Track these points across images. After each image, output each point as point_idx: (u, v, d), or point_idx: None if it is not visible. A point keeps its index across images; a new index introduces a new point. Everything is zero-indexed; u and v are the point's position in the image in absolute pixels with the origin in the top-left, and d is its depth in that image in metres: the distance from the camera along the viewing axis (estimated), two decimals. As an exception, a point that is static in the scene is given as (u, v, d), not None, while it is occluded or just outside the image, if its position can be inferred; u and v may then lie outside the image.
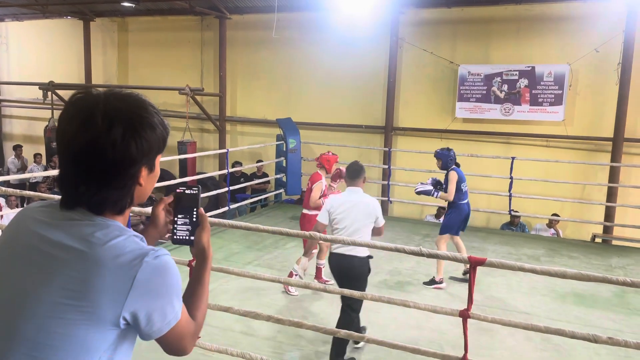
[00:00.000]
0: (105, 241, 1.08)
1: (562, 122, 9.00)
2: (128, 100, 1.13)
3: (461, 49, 9.69)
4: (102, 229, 1.10)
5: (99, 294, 1.05)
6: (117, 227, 1.13)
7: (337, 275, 4.14)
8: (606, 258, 7.12)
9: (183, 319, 1.18)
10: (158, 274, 1.10)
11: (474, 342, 4.29)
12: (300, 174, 9.75)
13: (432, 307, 3.33)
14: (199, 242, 1.33)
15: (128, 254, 1.08)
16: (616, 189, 8.66)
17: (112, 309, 1.06)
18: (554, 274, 2.87)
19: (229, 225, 3.72)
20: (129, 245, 1.09)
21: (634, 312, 5.25)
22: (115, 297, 1.06)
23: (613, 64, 8.62)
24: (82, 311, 1.05)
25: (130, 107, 1.12)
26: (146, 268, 1.08)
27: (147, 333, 1.13)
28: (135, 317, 1.09)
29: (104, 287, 1.05)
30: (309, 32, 10.56)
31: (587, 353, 4.28)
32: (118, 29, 12.76)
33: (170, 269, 1.12)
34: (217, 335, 4.32)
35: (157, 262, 1.09)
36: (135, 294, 1.07)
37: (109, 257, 1.06)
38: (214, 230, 7.43)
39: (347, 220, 4.07)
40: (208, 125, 11.54)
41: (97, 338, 1.07)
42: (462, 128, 9.74)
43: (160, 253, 1.11)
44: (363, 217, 4.06)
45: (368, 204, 4.11)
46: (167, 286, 1.12)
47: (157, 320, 1.12)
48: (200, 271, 1.34)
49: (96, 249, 1.07)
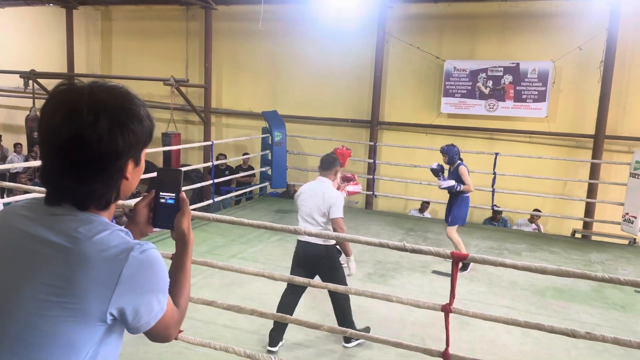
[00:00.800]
0: (89, 236, 1.07)
1: (545, 118, 9.11)
2: (114, 92, 1.11)
3: (447, 45, 9.73)
4: (85, 224, 1.09)
5: (85, 290, 1.04)
6: (102, 222, 1.11)
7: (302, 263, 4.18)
8: (585, 253, 7.25)
9: (168, 309, 1.18)
10: (145, 268, 1.09)
11: (456, 335, 4.35)
12: (285, 167, 9.74)
13: (414, 302, 3.36)
14: (179, 226, 1.32)
15: (113, 248, 1.06)
16: (596, 185, 8.81)
17: (99, 305, 1.05)
18: (534, 269, 2.91)
19: (213, 218, 3.71)
20: (114, 239, 1.08)
21: (612, 306, 5.36)
22: (101, 293, 1.04)
23: (596, 61, 8.74)
24: (68, 308, 1.04)
25: (117, 99, 1.10)
26: (132, 262, 1.06)
27: (135, 327, 1.12)
28: (122, 312, 1.08)
29: (89, 283, 1.04)
30: (295, 25, 10.51)
31: (566, 346, 4.36)
32: (102, 17, 12.56)
33: (156, 263, 1.11)
34: (200, 328, 4.32)
35: (143, 257, 1.08)
36: (121, 289, 1.05)
37: (93, 252, 1.05)
38: (198, 223, 7.40)
39: (304, 208, 4.16)
40: (193, 116, 11.45)
41: (84, 334, 1.06)
42: (447, 123, 9.80)
43: (147, 247, 1.10)
44: (315, 206, 4.13)
45: (325, 193, 4.13)
46: (154, 280, 1.11)
47: (144, 315, 1.11)
48: (181, 257, 1.33)
49: (80, 245, 1.05)
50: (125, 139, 1.09)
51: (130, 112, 1.10)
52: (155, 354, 3.87)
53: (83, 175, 1.08)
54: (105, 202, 1.14)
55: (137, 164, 1.17)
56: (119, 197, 1.16)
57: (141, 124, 1.12)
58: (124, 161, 1.12)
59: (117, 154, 1.09)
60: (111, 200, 1.15)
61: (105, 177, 1.10)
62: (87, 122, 1.05)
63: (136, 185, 1.22)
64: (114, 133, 1.07)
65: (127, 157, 1.12)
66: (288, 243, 6.92)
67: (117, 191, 1.15)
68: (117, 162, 1.10)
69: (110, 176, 1.11)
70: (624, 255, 7.25)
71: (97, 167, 1.08)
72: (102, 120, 1.06)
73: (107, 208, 1.15)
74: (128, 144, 1.10)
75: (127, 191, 1.18)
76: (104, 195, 1.12)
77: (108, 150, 1.07)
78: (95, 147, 1.06)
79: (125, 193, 1.18)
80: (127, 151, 1.11)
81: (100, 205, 1.13)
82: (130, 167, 1.15)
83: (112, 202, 1.16)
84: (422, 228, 8.24)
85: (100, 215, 1.13)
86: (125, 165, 1.13)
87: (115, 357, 1.16)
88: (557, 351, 4.29)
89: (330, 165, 4.33)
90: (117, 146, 1.08)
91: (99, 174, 1.09)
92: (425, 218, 9.19)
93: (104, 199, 1.13)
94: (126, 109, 1.10)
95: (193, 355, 3.91)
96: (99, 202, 1.13)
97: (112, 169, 1.10)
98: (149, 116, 1.15)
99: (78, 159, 1.07)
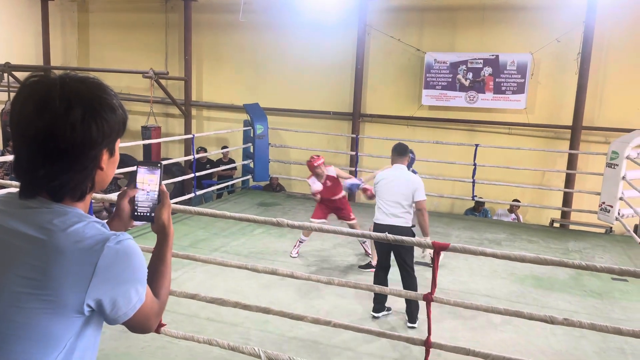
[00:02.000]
0: (63, 228, 1.06)
1: (524, 110, 9.23)
2: (86, 82, 1.10)
3: (428, 37, 9.78)
4: (60, 215, 1.08)
5: (60, 282, 1.03)
6: (76, 214, 1.10)
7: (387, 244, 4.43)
8: (564, 242, 7.39)
9: (148, 300, 1.18)
10: (120, 258, 1.08)
11: (438, 324, 4.41)
12: (267, 160, 9.71)
13: (397, 291, 3.40)
14: (159, 218, 1.32)
15: (88, 239, 1.06)
16: (574, 175, 8.97)
17: (75, 297, 1.04)
18: (514, 258, 2.97)
19: (195, 212, 3.69)
20: (89, 231, 1.07)
21: (589, 293, 5.48)
22: (77, 285, 1.04)
23: (573, 53, 8.87)
24: (44, 300, 1.03)
25: (89, 89, 1.09)
26: (108, 253, 1.06)
27: (113, 318, 1.12)
28: (100, 303, 1.08)
29: (65, 275, 1.03)
30: (276, 17, 10.44)
31: (544, 333, 4.45)
32: (78, 9, 12.32)
33: (133, 253, 1.11)
34: (183, 322, 4.30)
35: (119, 247, 1.08)
36: (97, 280, 1.05)
37: (68, 243, 1.04)
38: (180, 216, 7.35)
39: (387, 194, 4.58)
40: (173, 109, 11.33)
41: (61, 326, 1.05)
42: (428, 115, 9.87)
43: (122, 237, 1.10)
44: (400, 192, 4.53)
45: (407, 179, 4.57)
46: (130, 271, 1.11)
47: (122, 305, 1.11)
48: (161, 248, 1.33)
49: (55, 236, 1.05)
50: (99, 128, 1.08)
51: (103, 102, 1.10)
52: (137, 349, 3.85)
53: (57, 166, 1.07)
54: (80, 193, 1.13)
55: (111, 155, 1.17)
56: (94, 188, 1.16)
57: (114, 114, 1.11)
58: (98, 151, 1.11)
59: (91, 143, 1.08)
60: (86, 191, 1.14)
61: (79, 167, 1.09)
62: (60, 112, 1.04)
63: (112, 176, 1.21)
64: (87, 122, 1.07)
65: (102, 146, 1.11)
66: (271, 236, 6.92)
67: (92, 182, 1.14)
68: (91, 151, 1.10)
69: (84, 166, 1.10)
70: (601, 243, 7.41)
71: (71, 157, 1.08)
72: (74, 110, 1.05)
73: (83, 199, 1.15)
74: (102, 133, 1.09)
75: (103, 182, 1.18)
76: (79, 185, 1.12)
77: (82, 140, 1.07)
78: (68, 137, 1.05)
79: (100, 184, 1.17)
80: (100, 140, 1.10)
81: (75, 197, 1.12)
82: (105, 158, 1.14)
83: (87, 193, 1.15)
84: (404, 219, 8.30)
85: (75, 206, 1.13)
86: (100, 155, 1.12)
87: (93, 349, 1.16)
88: (536, 338, 4.38)
89: (405, 152, 4.76)
90: (90, 135, 1.07)
91: (73, 164, 1.08)
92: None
93: (79, 189, 1.12)
94: (99, 98, 1.10)
95: (176, 348, 3.90)
96: (73, 193, 1.12)
97: (86, 159, 1.10)
98: (121, 106, 1.15)
99: (52, 149, 1.06)
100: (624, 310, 5.10)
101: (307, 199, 9.39)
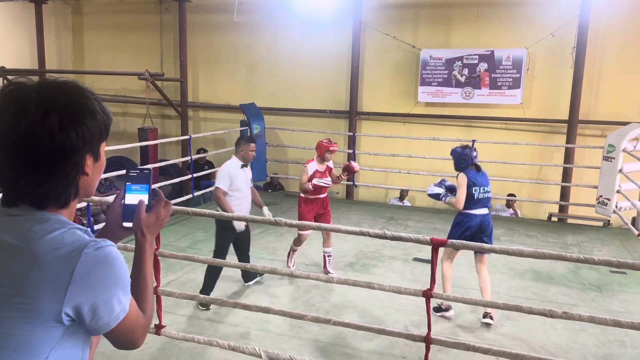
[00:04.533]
0: (42, 235, 1.04)
1: (520, 105, 9.24)
2: (63, 88, 1.08)
3: (423, 34, 9.78)
4: (40, 222, 1.07)
5: (37, 290, 1.02)
6: (58, 221, 1.09)
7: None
8: (562, 236, 7.40)
9: (132, 311, 1.14)
10: (99, 265, 1.05)
11: (437, 320, 4.43)
12: (265, 160, 9.71)
13: (396, 288, 3.41)
14: (138, 218, 1.28)
15: (66, 246, 1.04)
16: (571, 169, 8.99)
17: (52, 305, 1.02)
18: (512, 252, 2.98)
19: (193, 212, 3.69)
20: (68, 238, 1.06)
21: (588, 287, 5.49)
22: (54, 293, 1.02)
23: (568, 47, 8.88)
24: (21, 308, 1.02)
25: (66, 94, 1.08)
26: (86, 260, 1.04)
27: (94, 328, 1.08)
28: (79, 312, 1.05)
29: (41, 283, 1.02)
30: (271, 16, 10.43)
31: (544, 327, 4.46)
32: (72, 12, 12.28)
33: (113, 260, 1.08)
34: (183, 323, 4.30)
35: (97, 254, 1.05)
36: (75, 287, 1.03)
37: (45, 251, 1.03)
38: (179, 218, 7.34)
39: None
40: (169, 111, 11.30)
41: (40, 335, 1.03)
42: (425, 112, 9.87)
43: (103, 244, 1.07)
44: None
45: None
46: (111, 278, 1.07)
47: (103, 315, 1.07)
48: (138, 261, 1.28)
49: (32, 244, 1.03)
50: (78, 134, 1.07)
51: (81, 106, 1.08)
52: (137, 352, 3.84)
53: (39, 174, 1.06)
54: (64, 200, 1.11)
55: (96, 159, 1.15)
56: (78, 194, 1.14)
57: (94, 118, 1.09)
58: (80, 157, 1.09)
59: (72, 149, 1.07)
60: (70, 198, 1.12)
61: (62, 174, 1.08)
62: (37, 119, 1.03)
63: (98, 181, 1.20)
64: (66, 128, 1.05)
65: (83, 152, 1.10)
66: (270, 235, 6.92)
67: (77, 188, 1.13)
68: (73, 158, 1.08)
69: (67, 173, 1.09)
70: (599, 236, 7.43)
71: (53, 164, 1.06)
72: (51, 116, 1.04)
73: (67, 206, 1.13)
74: (82, 138, 1.07)
75: (89, 188, 1.16)
76: (63, 192, 1.10)
77: (62, 147, 1.05)
78: (47, 144, 1.04)
79: (86, 190, 1.16)
80: (81, 146, 1.08)
81: (59, 204, 1.11)
82: (90, 163, 1.12)
83: (72, 199, 1.13)
84: (403, 216, 8.32)
85: (58, 213, 1.11)
86: (83, 161, 1.10)
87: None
88: (536, 332, 4.39)
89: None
90: (70, 142, 1.06)
91: (56, 171, 1.07)
92: (406, 207, 9.27)
93: (63, 196, 1.11)
94: (76, 103, 1.08)
95: (177, 350, 3.90)
96: (57, 200, 1.10)
97: (68, 166, 1.08)
98: (103, 110, 1.12)
99: (32, 158, 1.04)
100: (622, 303, 5.12)
101: (305, 198, 9.39)
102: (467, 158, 4.84)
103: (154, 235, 1.32)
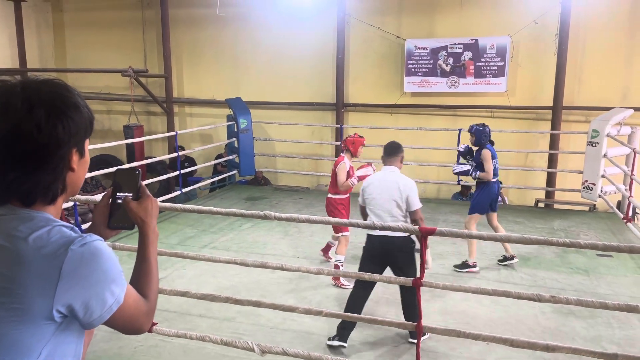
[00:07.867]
0: (28, 234, 1.05)
1: (505, 93, 9.30)
2: (47, 83, 1.11)
3: (407, 24, 9.78)
4: (26, 221, 1.07)
5: (26, 289, 1.02)
6: (43, 219, 1.09)
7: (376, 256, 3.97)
8: (549, 221, 7.49)
9: (130, 300, 1.16)
10: (87, 260, 1.06)
11: (428, 308, 4.47)
12: (253, 154, 9.68)
13: (386, 278, 3.43)
14: (134, 214, 1.30)
15: (52, 244, 1.05)
16: (556, 155, 9.08)
17: (42, 303, 1.03)
18: (500, 239, 3.01)
19: (182, 209, 3.68)
20: (54, 235, 1.06)
21: (575, 270, 5.57)
22: (43, 291, 1.03)
23: (551, 34, 8.94)
24: (10, 308, 1.02)
25: (51, 89, 1.09)
26: (72, 256, 1.04)
27: (88, 322, 1.10)
28: (71, 308, 1.06)
29: (29, 282, 1.02)
30: (254, 9, 10.36)
31: (534, 312, 4.52)
32: (52, 9, 12.09)
33: (100, 254, 1.08)
34: (175, 320, 4.30)
35: (84, 249, 1.06)
36: (64, 285, 1.03)
37: (31, 250, 1.03)
38: (167, 215, 7.31)
39: (376, 201, 3.99)
40: (155, 107, 11.21)
41: (31, 334, 1.04)
42: (411, 102, 9.89)
43: (88, 240, 1.08)
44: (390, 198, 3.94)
45: (399, 183, 3.95)
46: (100, 272, 1.08)
47: (96, 309, 1.08)
48: (140, 246, 1.31)
49: (18, 243, 1.04)
50: (65, 127, 1.08)
51: (66, 100, 1.10)
52: (130, 349, 3.84)
53: (26, 168, 1.07)
54: (52, 196, 1.12)
55: (82, 155, 1.16)
56: (65, 190, 1.15)
57: (79, 112, 1.11)
58: (66, 150, 1.10)
59: (59, 142, 1.08)
60: (58, 193, 1.13)
61: (49, 168, 1.09)
62: (23, 113, 1.05)
63: (83, 178, 1.20)
64: (52, 121, 1.06)
65: (69, 145, 1.11)
66: (260, 230, 6.92)
67: (64, 183, 1.13)
68: (59, 151, 1.09)
69: (54, 166, 1.10)
70: (585, 221, 7.53)
71: (40, 157, 1.07)
72: (38, 110, 1.05)
73: (54, 202, 1.14)
74: (68, 132, 1.09)
75: (75, 185, 1.17)
76: (50, 187, 1.11)
77: (49, 139, 1.06)
78: (34, 137, 1.05)
79: (72, 187, 1.17)
80: (67, 139, 1.09)
81: (46, 200, 1.12)
82: (75, 158, 1.13)
83: (59, 195, 1.14)
84: (392, 207, 8.34)
85: (44, 211, 1.12)
86: (69, 155, 1.12)
87: (74, 356, 1.14)
88: (525, 317, 4.45)
89: (396, 151, 4.15)
90: (57, 134, 1.07)
91: (42, 164, 1.08)
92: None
93: (50, 191, 1.11)
94: (62, 97, 1.10)
95: (169, 347, 3.90)
96: (45, 196, 1.11)
97: (55, 159, 1.09)
98: (86, 105, 1.14)
99: (19, 151, 1.05)
100: (609, 285, 5.20)
101: (294, 192, 9.40)
102: (488, 134, 5.53)
103: (154, 220, 1.33)
